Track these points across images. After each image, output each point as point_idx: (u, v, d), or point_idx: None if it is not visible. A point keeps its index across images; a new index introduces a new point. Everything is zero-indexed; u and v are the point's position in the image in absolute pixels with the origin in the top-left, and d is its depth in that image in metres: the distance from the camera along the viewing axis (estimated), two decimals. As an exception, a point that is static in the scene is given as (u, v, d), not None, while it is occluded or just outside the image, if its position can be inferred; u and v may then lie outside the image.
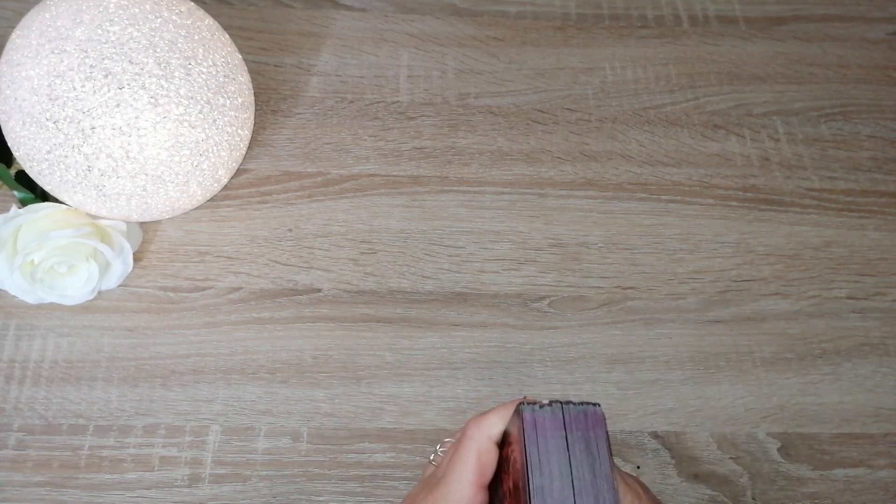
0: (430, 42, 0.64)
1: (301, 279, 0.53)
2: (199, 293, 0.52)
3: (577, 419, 0.35)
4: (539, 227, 0.56)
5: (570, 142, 0.60)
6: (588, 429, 0.35)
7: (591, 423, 0.35)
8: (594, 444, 0.34)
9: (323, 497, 0.47)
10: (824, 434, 0.50)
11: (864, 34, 0.68)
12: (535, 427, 0.35)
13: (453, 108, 0.61)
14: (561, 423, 0.35)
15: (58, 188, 0.48)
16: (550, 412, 0.35)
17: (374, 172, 0.58)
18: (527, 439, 0.34)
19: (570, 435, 0.35)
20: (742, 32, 0.67)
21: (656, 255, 0.56)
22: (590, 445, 0.35)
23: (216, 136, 0.49)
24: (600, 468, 0.34)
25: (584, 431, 0.35)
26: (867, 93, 0.65)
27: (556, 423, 0.35)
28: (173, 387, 0.49)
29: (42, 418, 0.48)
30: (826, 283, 0.56)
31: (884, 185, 0.60)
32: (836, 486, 0.49)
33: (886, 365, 0.53)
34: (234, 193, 0.56)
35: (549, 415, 0.35)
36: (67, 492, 0.46)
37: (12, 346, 0.50)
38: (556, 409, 0.35)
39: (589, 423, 0.35)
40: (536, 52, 0.65)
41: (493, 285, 0.54)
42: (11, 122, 0.46)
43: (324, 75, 0.62)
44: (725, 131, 0.62)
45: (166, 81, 0.46)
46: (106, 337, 0.51)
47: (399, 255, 0.55)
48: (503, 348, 0.52)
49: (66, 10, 0.45)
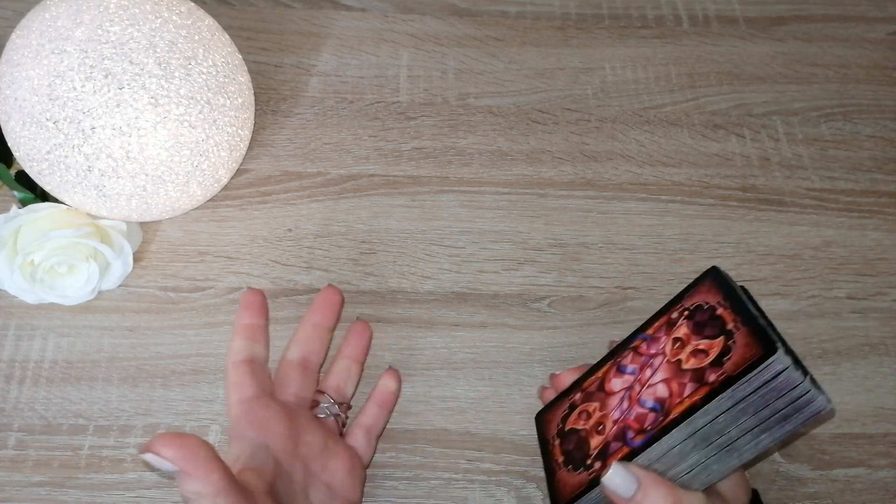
0: (430, 42, 0.64)
1: (301, 279, 0.53)
2: (199, 293, 0.52)
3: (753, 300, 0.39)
4: (539, 227, 0.56)
5: (570, 142, 0.60)
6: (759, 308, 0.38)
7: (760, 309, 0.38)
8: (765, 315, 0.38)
9: (323, 497, 0.47)
10: (824, 434, 0.50)
11: (864, 34, 0.68)
12: (728, 280, 0.39)
13: (453, 108, 0.61)
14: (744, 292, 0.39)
15: (58, 188, 0.48)
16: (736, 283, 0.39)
17: (374, 172, 0.58)
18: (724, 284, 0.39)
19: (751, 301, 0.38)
20: (742, 32, 0.67)
21: (656, 255, 0.56)
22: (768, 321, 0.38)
23: (216, 137, 0.49)
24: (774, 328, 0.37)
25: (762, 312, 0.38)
26: (867, 93, 0.65)
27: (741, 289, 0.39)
28: (173, 387, 0.49)
29: (42, 418, 0.48)
30: (826, 283, 0.56)
31: (884, 185, 0.60)
32: (836, 486, 0.49)
33: (886, 365, 0.53)
34: (234, 193, 0.56)
35: (735, 283, 0.39)
36: (67, 492, 0.46)
37: (12, 346, 0.50)
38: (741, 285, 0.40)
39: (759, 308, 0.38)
40: (536, 52, 0.65)
41: (493, 285, 0.54)
42: (11, 122, 0.46)
43: (324, 75, 0.62)
44: (725, 131, 0.62)
45: (166, 81, 0.46)
46: (106, 337, 0.51)
47: (399, 255, 0.55)
48: (503, 348, 0.52)
49: (66, 10, 0.45)
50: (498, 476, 0.48)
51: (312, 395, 0.46)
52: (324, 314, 0.48)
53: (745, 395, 0.34)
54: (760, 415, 0.34)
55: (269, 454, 0.40)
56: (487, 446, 0.49)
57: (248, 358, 0.45)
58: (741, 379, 0.33)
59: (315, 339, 0.47)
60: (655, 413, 0.36)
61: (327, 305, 0.48)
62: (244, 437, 0.41)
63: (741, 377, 0.33)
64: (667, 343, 0.39)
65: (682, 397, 0.35)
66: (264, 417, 0.42)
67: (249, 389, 0.43)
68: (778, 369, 0.33)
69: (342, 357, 0.48)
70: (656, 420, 0.36)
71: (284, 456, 0.41)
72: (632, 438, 0.37)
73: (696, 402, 0.35)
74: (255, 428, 0.41)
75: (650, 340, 0.41)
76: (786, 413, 0.34)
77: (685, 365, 0.37)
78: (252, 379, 0.44)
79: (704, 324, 0.38)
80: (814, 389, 0.34)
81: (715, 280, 0.40)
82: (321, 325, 0.48)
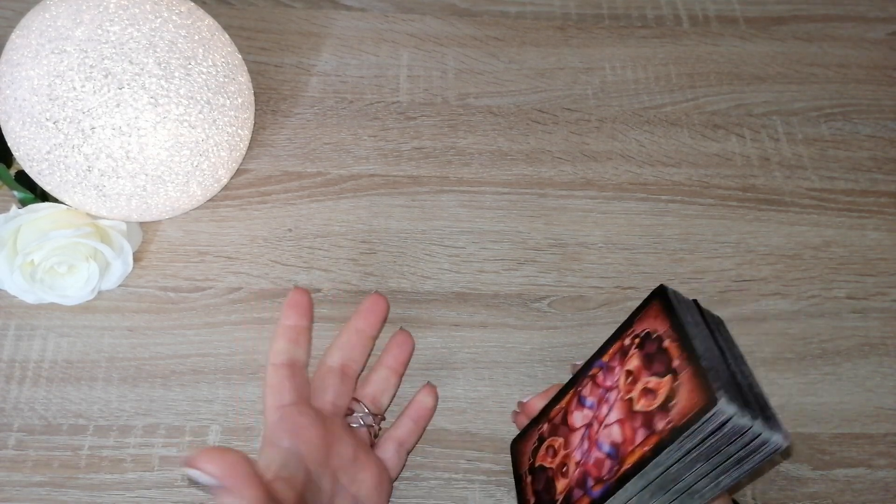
0: (430, 42, 0.64)
1: (301, 279, 0.53)
2: (199, 293, 0.52)
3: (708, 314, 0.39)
4: (539, 227, 0.56)
5: (570, 142, 0.60)
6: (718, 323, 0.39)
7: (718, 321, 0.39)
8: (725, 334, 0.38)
9: (323, 497, 0.47)
10: (824, 434, 0.50)
11: (864, 34, 0.68)
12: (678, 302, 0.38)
13: (453, 108, 0.61)
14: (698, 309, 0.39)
15: (58, 188, 0.48)
16: (688, 299, 0.39)
17: (374, 172, 0.58)
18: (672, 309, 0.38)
19: (706, 320, 0.38)
20: (742, 32, 0.67)
21: (656, 255, 0.56)
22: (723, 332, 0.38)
23: (216, 136, 0.49)
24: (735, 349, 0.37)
25: (717, 324, 0.39)
26: (867, 93, 0.65)
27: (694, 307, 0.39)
28: (173, 387, 0.49)
29: (42, 418, 0.48)
30: (826, 283, 0.56)
31: (884, 185, 0.60)
32: (836, 486, 0.49)
33: (886, 365, 0.53)
34: (234, 193, 0.56)
35: (687, 300, 0.39)
36: (67, 492, 0.46)
37: (12, 346, 0.50)
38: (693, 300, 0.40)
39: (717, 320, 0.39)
40: (536, 52, 0.65)
41: (493, 285, 0.54)
42: (11, 122, 0.46)
43: (324, 75, 0.62)
44: (725, 131, 0.62)
45: (166, 81, 0.46)
46: (106, 337, 0.51)
47: (399, 255, 0.55)
48: (503, 348, 0.52)
49: (66, 10, 0.45)
50: (498, 476, 0.48)
51: (348, 404, 0.45)
52: (368, 321, 0.47)
53: (694, 446, 0.32)
54: (713, 460, 0.33)
55: (300, 463, 0.39)
56: (487, 446, 0.49)
57: (288, 361, 0.44)
58: (685, 431, 0.32)
59: (357, 346, 0.46)
60: (611, 461, 0.35)
61: (372, 313, 0.47)
62: (278, 444, 0.40)
63: (686, 429, 0.32)
64: (620, 375, 0.38)
65: (633, 445, 0.34)
66: (300, 425, 0.41)
67: (288, 395, 0.42)
68: (722, 420, 0.31)
69: (381, 366, 0.47)
70: (612, 469, 0.35)
71: (315, 465, 0.40)
72: (591, 487, 0.36)
73: (645, 453, 0.33)
74: (291, 435, 0.40)
75: (606, 370, 0.40)
76: (740, 456, 0.33)
77: (636, 405, 0.36)
78: (291, 383, 0.43)
79: (653, 356, 0.36)
80: (766, 431, 0.32)
81: (662, 303, 0.38)
82: (364, 331, 0.47)
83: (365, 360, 0.47)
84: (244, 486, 0.34)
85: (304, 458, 0.40)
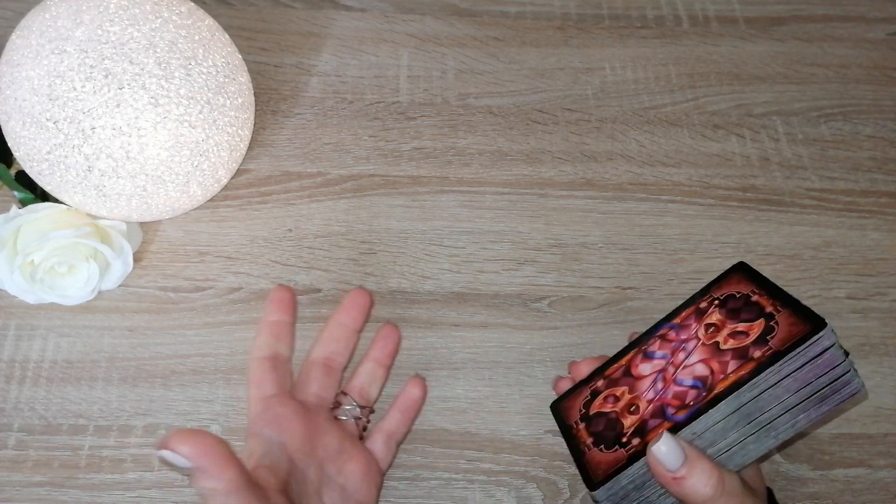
0: (430, 42, 0.64)
1: (301, 279, 0.53)
2: (199, 293, 0.52)
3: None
4: (539, 227, 0.56)
5: (570, 142, 0.60)
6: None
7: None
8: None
9: (323, 497, 0.47)
10: (824, 434, 0.50)
11: (864, 34, 0.68)
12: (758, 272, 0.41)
13: (453, 108, 0.61)
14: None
15: (58, 188, 0.48)
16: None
17: (374, 172, 0.58)
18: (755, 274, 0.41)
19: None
20: (742, 32, 0.67)
21: (656, 255, 0.56)
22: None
23: (216, 137, 0.49)
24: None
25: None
26: (867, 93, 0.65)
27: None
28: (173, 387, 0.49)
29: (42, 418, 0.48)
30: (826, 283, 0.56)
31: (884, 185, 0.60)
32: (836, 486, 0.49)
33: (886, 365, 0.53)
34: (234, 193, 0.56)
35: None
36: (67, 492, 0.46)
37: (12, 346, 0.50)
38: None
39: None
40: (536, 52, 0.65)
41: (493, 285, 0.54)
42: (11, 122, 0.46)
43: (324, 75, 0.62)
44: (725, 131, 0.62)
45: (166, 81, 0.46)
46: (106, 337, 0.51)
47: (399, 255, 0.55)
48: (503, 348, 0.52)
49: (66, 11, 0.45)
50: (498, 476, 0.48)
51: (335, 397, 0.46)
52: (350, 315, 0.48)
53: (792, 371, 0.35)
54: (802, 392, 0.35)
55: (284, 452, 0.40)
56: (487, 446, 0.49)
57: (271, 355, 0.45)
58: (790, 353, 0.34)
59: (340, 340, 0.47)
60: (697, 390, 0.37)
61: (355, 307, 0.48)
62: (261, 434, 0.41)
63: (790, 351, 0.34)
64: (699, 329, 0.40)
65: (725, 374, 0.36)
66: (282, 415, 0.42)
67: (270, 387, 0.43)
68: (826, 345, 0.34)
69: (368, 360, 0.48)
70: (699, 396, 0.37)
71: (300, 455, 0.41)
72: (673, 414, 0.37)
73: (742, 376, 0.35)
74: (272, 425, 0.41)
75: (679, 328, 0.42)
76: (824, 393, 0.35)
77: (724, 346, 0.38)
78: (273, 376, 0.44)
79: (739, 309, 0.39)
80: (853, 371, 0.35)
81: (744, 273, 0.41)
82: (348, 325, 0.48)
83: (350, 353, 0.48)
84: (221, 467, 0.33)
85: (288, 447, 0.40)
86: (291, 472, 0.39)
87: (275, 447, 0.40)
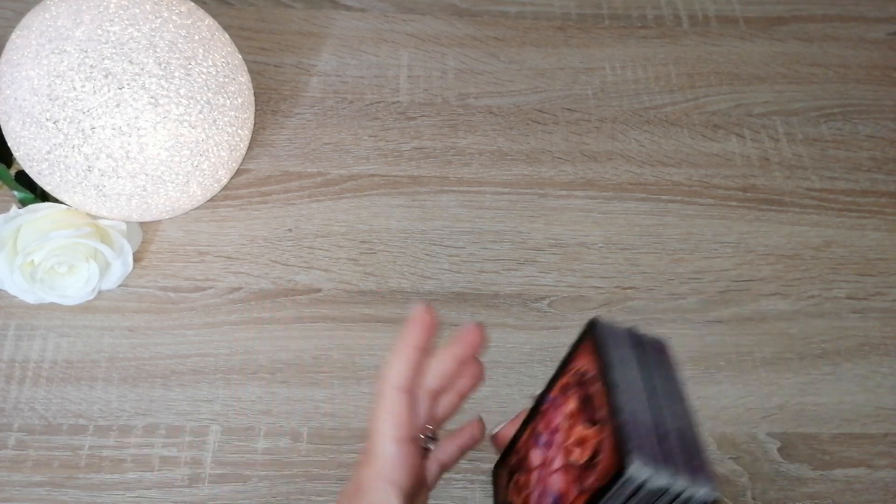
0: (430, 42, 0.64)
1: (301, 279, 0.53)
2: (199, 293, 0.52)
3: (649, 343, 0.36)
4: (539, 227, 0.56)
5: (570, 142, 0.60)
6: (661, 353, 0.36)
7: (659, 349, 0.36)
8: (665, 365, 0.35)
9: (323, 497, 0.47)
10: (824, 434, 0.50)
11: (864, 34, 0.68)
12: (609, 338, 0.35)
13: (453, 108, 0.61)
14: (635, 340, 0.36)
15: (58, 188, 0.48)
16: (625, 329, 0.36)
17: (374, 172, 0.58)
18: (600, 348, 0.35)
19: (642, 353, 0.35)
20: (742, 32, 0.67)
21: (656, 255, 0.56)
22: (663, 364, 0.35)
23: (216, 136, 0.49)
24: (674, 385, 0.34)
25: (656, 354, 0.36)
26: (867, 93, 0.65)
27: (629, 339, 0.36)
28: (173, 387, 0.49)
29: (42, 418, 0.48)
30: (826, 283, 0.56)
31: (884, 185, 0.60)
32: (836, 486, 0.49)
33: (886, 365, 0.53)
34: (234, 193, 0.56)
35: (623, 331, 0.36)
36: (67, 492, 0.46)
37: (12, 346, 0.50)
38: (633, 328, 0.36)
39: (661, 348, 0.36)
40: (536, 52, 0.65)
41: (493, 285, 0.54)
42: (11, 122, 0.46)
43: (324, 75, 0.62)
44: (725, 131, 0.62)
45: (166, 81, 0.46)
46: (106, 337, 0.51)
47: (399, 255, 0.55)
48: (503, 348, 0.52)
49: (66, 10, 0.45)
50: (498, 476, 0.48)
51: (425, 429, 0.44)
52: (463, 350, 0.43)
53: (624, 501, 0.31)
54: None
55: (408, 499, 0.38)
56: (487, 446, 0.49)
57: (409, 387, 0.40)
58: (606, 494, 0.31)
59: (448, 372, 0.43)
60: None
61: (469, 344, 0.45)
62: (398, 484, 0.38)
63: (605, 491, 0.31)
64: (562, 417, 0.37)
65: (569, 501, 0.33)
66: (417, 465, 0.39)
67: (406, 428, 0.40)
68: (637, 483, 0.30)
69: (453, 391, 0.44)
70: None
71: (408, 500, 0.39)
72: None
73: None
74: (409, 475, 0.38)
75: (553, 406, 0.39)
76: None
77: (571, 457, 0.35)
78: (410, 414, 0.40)
79: (586, 400, 0.35)
80: (690, 486, 0.31)
81: (592, 341, 0.36)
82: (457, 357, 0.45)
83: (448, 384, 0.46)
84: None
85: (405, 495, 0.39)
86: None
87: (407, 501, 0.38)
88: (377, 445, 0.39)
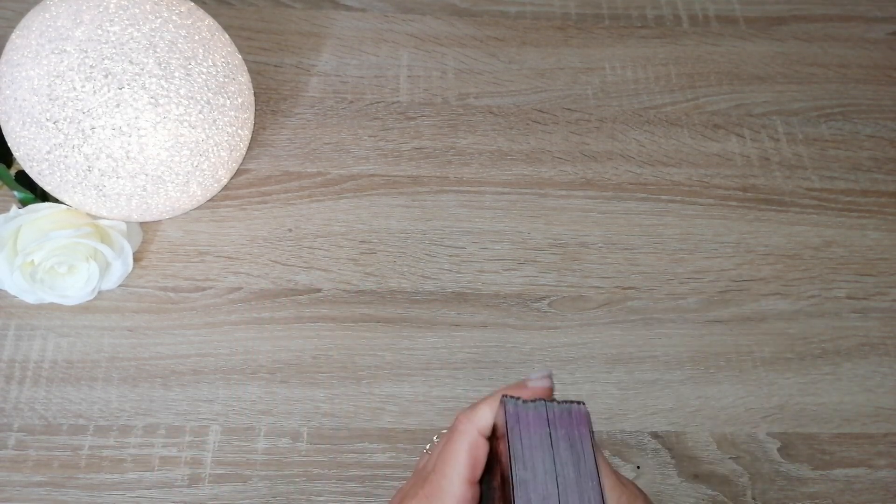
0: (430, 42, 0.64)
1: (301, 279, 0.53)
2: (199, 293, 0.52)
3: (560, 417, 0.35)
4: (539, 227, 0.56)
5: (570, 142, 0.60)
6: (573, 426, 0.35)
7: (575, 421, 0.34)
8: (579, 442, 0.34)
9: (323, 497, 0.47)
10: (824, 434, 0.50)
11: (864, 34, 0.68)
12: (519, 421, 0.34)
13: (453, 108, 0.61)
14: (545, 419, 0.35)
15: (58, 188, 0.48)
16: (534, 408, 0.34)
17: (374, 172, 0.58)
18: (510, 433, 0.33)
19: (554, 432, 0.34)
20: (742, 32, 0.67)
21: (656, 255, 0.56)
22: (574, 443, 0.34)
23: (216, 136, 0.49)
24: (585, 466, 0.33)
25: (569, 429, 0.35)
26: (867, 93, 0.65)
27: (539, 419, 0.35)
28: (173, 387, 0.49)
29: (42, 418, 0.48)
30: (826, 283, 0.56)
31: (884, 185, 0.60)
32: (836, 486, 0.49)
33: (886, 365, 0.53)
34: (234, 193, 0.56)
35: (533, 410, 0.34)
36: (67, 492, 0.46)
37: (12, 346, 0.50)
38: (540, 406, 0.34)
39: (573, 420, 0.34)
40: (536, 52, 0.65)
41: (493, 285, 0.54)
42: (11, 122, 0.46)
43: (324, 75, 0.62)
44: (725, 131, 0.62)
45: (166, 81, 0.46)
46: (106, 337, 0.51)
47: (399, 255, 0.55)
48: (503, 348, 0.52)
49: (66, 10, 0.45)
50: (498, 476, 0.48)
51: None
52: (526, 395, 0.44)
53: None
54: None
55: None
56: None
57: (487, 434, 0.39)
58: None
59: None
60: None
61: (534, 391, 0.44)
62: None
63: None
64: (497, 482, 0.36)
65: None
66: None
67: (479, 472, 0.38)
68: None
69: None
70: None
71: None
72: None
73: None
74: None
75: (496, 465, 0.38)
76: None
77: None
78: (481, 458, 0.39)
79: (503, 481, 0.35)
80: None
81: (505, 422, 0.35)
82: None
83: None
84: None
85: None
86: None
87: None
88: (451, 485, 0.38)
